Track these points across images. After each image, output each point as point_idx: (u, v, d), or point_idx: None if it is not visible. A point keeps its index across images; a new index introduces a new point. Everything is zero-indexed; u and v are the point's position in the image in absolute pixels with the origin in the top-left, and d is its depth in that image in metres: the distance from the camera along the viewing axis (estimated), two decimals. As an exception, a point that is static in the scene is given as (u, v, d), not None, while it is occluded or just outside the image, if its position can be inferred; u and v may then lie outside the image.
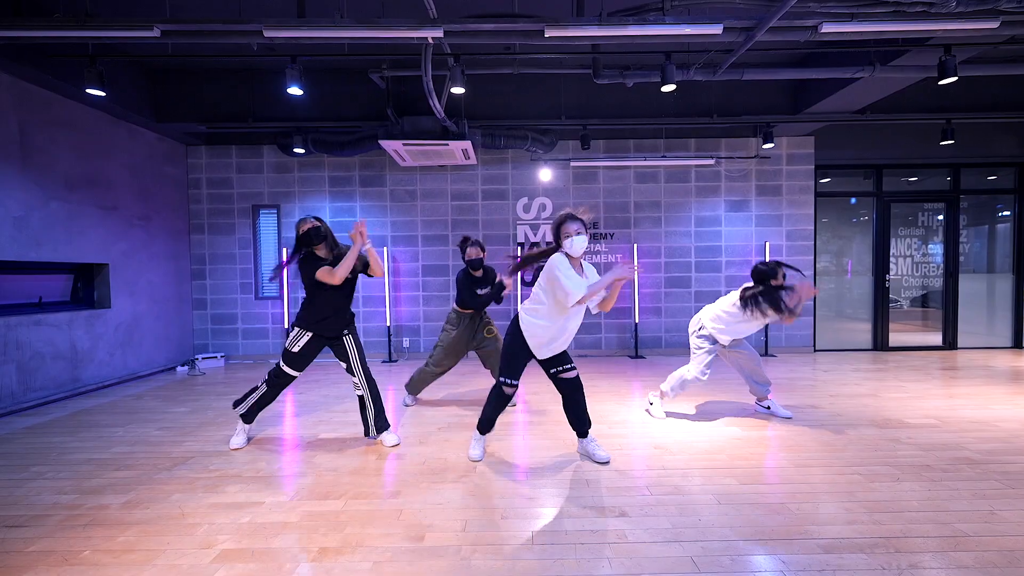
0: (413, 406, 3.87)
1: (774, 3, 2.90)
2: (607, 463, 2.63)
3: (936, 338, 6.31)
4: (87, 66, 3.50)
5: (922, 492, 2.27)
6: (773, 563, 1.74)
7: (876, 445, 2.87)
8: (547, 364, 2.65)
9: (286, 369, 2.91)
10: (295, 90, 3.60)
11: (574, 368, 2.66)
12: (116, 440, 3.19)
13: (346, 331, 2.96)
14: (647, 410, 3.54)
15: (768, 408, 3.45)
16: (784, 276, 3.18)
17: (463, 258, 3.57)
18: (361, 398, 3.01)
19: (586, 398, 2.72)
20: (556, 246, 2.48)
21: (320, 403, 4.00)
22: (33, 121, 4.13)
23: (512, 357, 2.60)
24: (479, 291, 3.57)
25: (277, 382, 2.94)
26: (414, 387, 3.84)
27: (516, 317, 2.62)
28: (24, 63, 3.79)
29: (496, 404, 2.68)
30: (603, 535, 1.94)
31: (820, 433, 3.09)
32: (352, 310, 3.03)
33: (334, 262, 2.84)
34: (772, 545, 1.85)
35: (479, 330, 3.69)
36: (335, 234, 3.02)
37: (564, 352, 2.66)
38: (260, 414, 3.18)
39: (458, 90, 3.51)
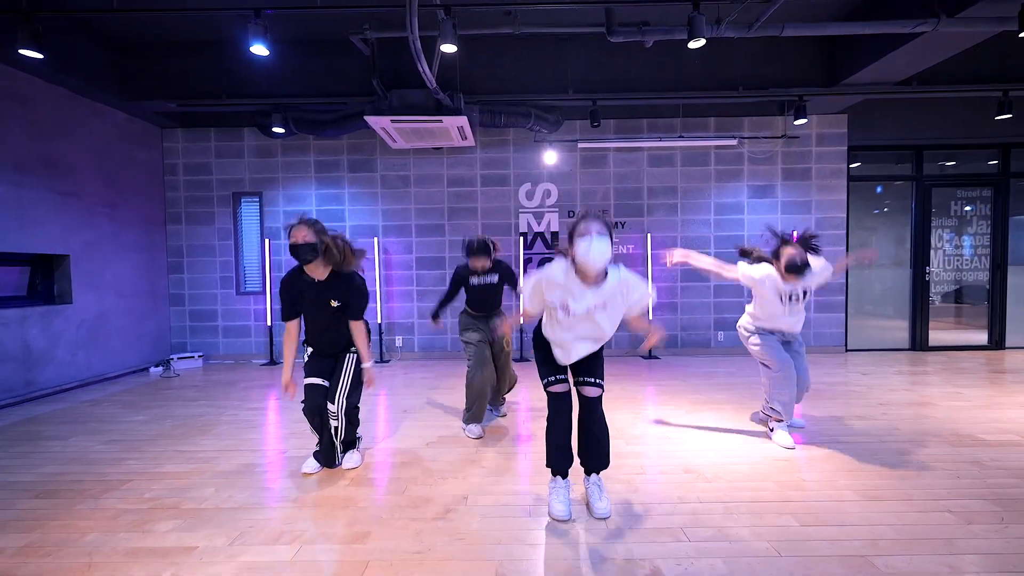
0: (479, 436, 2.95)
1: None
2: (605, 518, 1.94)
3: (979, 336, 5.75)
4: (21, 24, 3.01)
5: (1042, 540, 1.75)
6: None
7: (956, 470, 2.35)
8: (573, 371, 2.07)
9: (306, 381, 2.41)
10: (259, 49, 3.10)
11: (597, 386, 2.02)
12: (50, 457, 2.73)
13: (351, 349, 2.45)
14: (772, 438, 2.75)
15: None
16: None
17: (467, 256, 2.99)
18: (333, 431, 2.41)
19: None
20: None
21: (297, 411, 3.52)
22: (-28, 93, 3.66)
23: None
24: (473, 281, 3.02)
25: (307, 398, 2.40)
26: (475, 415, 2.97)
27: None
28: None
29: (552, 419, 2.04)
30: (631, 606, 1.44)
31: (882, 454, 2.57)
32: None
33: (327, 282, 2.32)
34: (867, 627, 1.35)
35: (495, 330, 3.06)
36: (325, 223, 2.36)
37: (592, 363, 2.03)
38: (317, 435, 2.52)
39: (449, 48, 3.00)
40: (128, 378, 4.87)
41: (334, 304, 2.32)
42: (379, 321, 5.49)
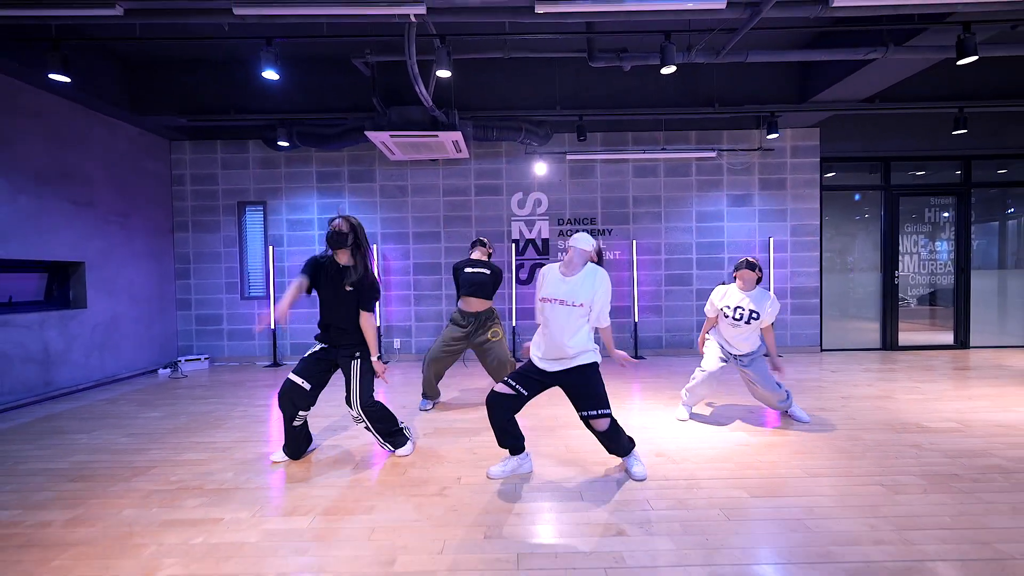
0: (428, 410, 3.65)
1: (782, -26, 2.68)
2: (642, 480, 2.32)
3: (947, 337, 6.08)
4: (50, 50, 3.29)
5: (954, 506, 2.04)
6: (792, 592, 1.52)
7: (896, 452, 2.64)
8: (573, 401, 2.32)
9: (290, 376, 2.58)
10: (271, 74, 3.39)
11: (604, 416, 2.25)
12: (78, 448, 2.97)
13: (358, 354, 2.60)
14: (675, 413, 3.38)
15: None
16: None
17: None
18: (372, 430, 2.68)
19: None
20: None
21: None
22: (-1, 111, 3.92)
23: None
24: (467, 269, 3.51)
25: (284, 388, 2.57)
26: (425, 393, 3.67)
27: None
28: (-14, 48, 3.59)
29: (488, 409, 2.35)
30: (599, 558, 1.71)
31: (834, 439, 2.86)
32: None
33: (348, 269, 2.58)
34: (791, 570, 1.63)
35: (481, 328, 3.51)
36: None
37: (586, 389, 2.25)
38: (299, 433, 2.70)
39: (444, 73, 3.30)
40: (138, 379, 5.10)
41: (348, 288, 2.56)
42: (378, 324, 5.75)
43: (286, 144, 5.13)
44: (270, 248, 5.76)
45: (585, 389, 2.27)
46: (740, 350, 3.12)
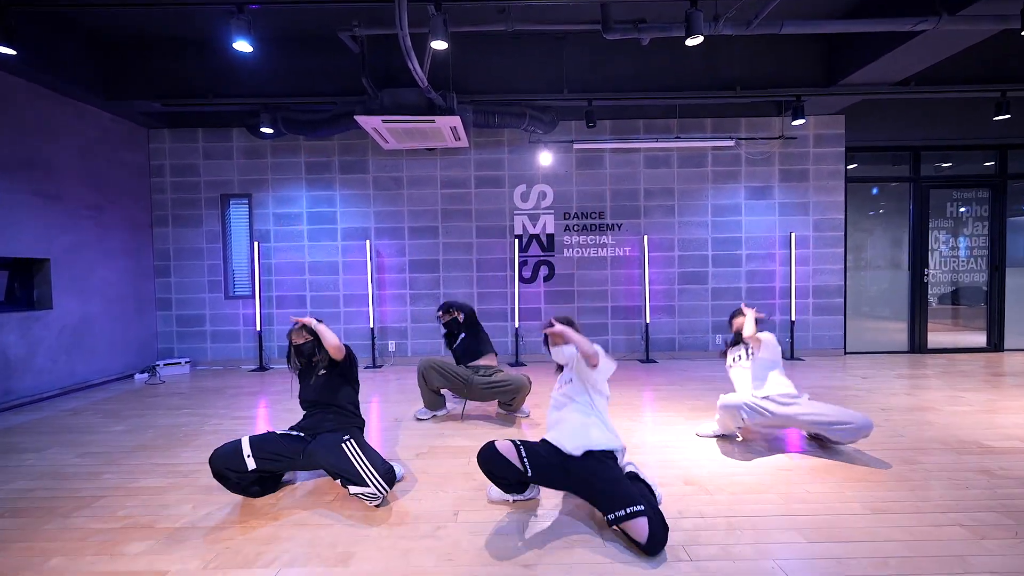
0: (424, 420, 3.36)
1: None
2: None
3: (977, 338, 5.71)
4: (-7, 18, 2.90)
5: (1059, 556, 1.67)
6: None
7: (964, 480, 2.27)
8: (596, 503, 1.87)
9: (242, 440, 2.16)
10: (243, 45, 2.99)
11: (638, 515, 1.69)
12: (21, 472, 2.61)
13: (345, 438, 2.17)
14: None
15: None
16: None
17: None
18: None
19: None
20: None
21: (286, 420, 3.40)
22: (-53, 91, 3.53)
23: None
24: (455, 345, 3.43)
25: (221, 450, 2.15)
26: (427, 403, 3.41)
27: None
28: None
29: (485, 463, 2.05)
30: (631, 636, 1.34)
31: (887, 462, 2.49)
32: (360, 417, 2.45)
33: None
34: (883, 657, 1.26)
35: (484, 373, 3.27)
36: (316, 225, 2.41)
37: (610, 486, 1.81)
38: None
39: (440, 45, 2.91)
40: (113, 385, 4.73)
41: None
42: (371, 326, 5.38)
43: (271, 131, 4.74)
44: (256, 244, 5.38)
45: (611, 483, 1.83)
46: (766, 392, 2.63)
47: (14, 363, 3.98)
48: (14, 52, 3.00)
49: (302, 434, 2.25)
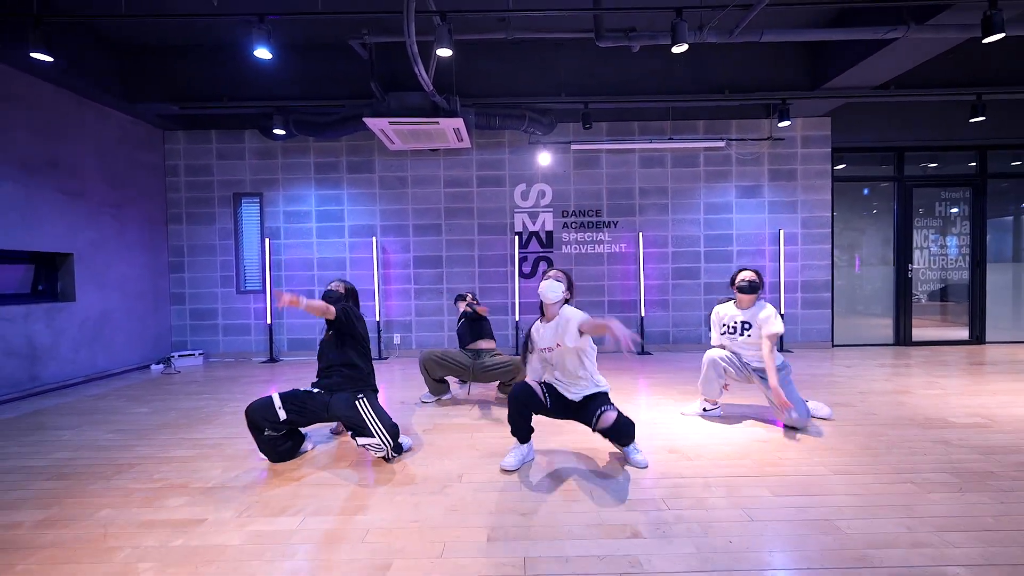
0: (429, 403, 3.60)
1: (803, -58, 2.53)
2: (644, 467, 2.31)
3: (961, 332, 5.92)
4: (31, 27, 3.14)
5: (994, 506, 1.89)
6: (830, 602, 1.37)
7: (924, 448, 2.49)
8: (585, 417, 2.36)
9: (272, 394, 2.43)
10: (263, 52, 3.23)
11: (609, 408, 2.28)
12: (60, 445, 2.83)
13: (360, 395, 2.47)
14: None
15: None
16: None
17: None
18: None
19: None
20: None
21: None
22: (-18, 95, 3.78)
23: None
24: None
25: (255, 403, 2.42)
26: (431, 390, 3.63)
27: None
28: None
29: (510, 413, 2.38)
30: (613, 563, 1.56)
31: (855, 435, 2.71)
32: (371, 372, 2.68)
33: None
34: (825, 576, 1.48)
35: (485, 356, 3.50)
36: (324, 223, 2.62)
37: (594, 399, 2.36)
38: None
39: (445, 52, 3.15)
40: (130, 375, 4.96)
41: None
42: (377, 319, 5.61)
43: (282, 132, 4.98)
44: (267, 241, 5.61)
45: (593, 401, 2.34)
46: (748, 358, 2.97)
47: (40, 351, 4.21)
48: (51, 59, 3.24)
49: (322, 391, 2.51)
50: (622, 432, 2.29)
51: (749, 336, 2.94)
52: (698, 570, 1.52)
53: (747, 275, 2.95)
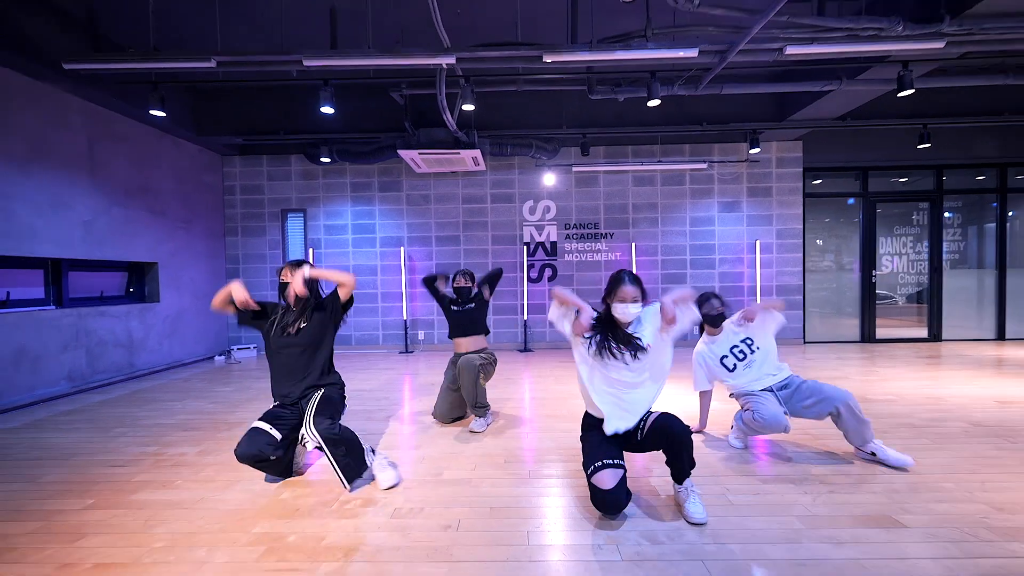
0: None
1: (742, 30, 3.34)
2: (703, 524, 1.88)
3: (924, 331, 6.63)
4: (151, 91, 4.07)
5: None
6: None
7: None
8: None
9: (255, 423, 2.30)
10: (327, 109, 4.13)
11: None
12: (177, 411, 3.73)
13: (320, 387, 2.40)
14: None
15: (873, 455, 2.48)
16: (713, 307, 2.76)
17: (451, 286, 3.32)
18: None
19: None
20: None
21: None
22: (99, 138, 4.73)
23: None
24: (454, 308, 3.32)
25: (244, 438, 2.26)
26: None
27: None
28: (96, 88, 4.39)
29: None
30: None
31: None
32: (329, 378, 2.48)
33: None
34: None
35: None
36: (358, 235, 3.12)
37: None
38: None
39: (468, 107, 4.01)
40: (199, 364, 5.90)
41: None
42: (404, 318, 6.49)
43: (327, 160, 5.89)
44: (310, 251, 6.53)
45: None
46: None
47: (136, 343, 5.16)
48: (165, 115, 4.17)
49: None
50: (674, 427, 1.95)
51: (759, 348, 2.59)
52: None
53: (713, 305, 2.65)
